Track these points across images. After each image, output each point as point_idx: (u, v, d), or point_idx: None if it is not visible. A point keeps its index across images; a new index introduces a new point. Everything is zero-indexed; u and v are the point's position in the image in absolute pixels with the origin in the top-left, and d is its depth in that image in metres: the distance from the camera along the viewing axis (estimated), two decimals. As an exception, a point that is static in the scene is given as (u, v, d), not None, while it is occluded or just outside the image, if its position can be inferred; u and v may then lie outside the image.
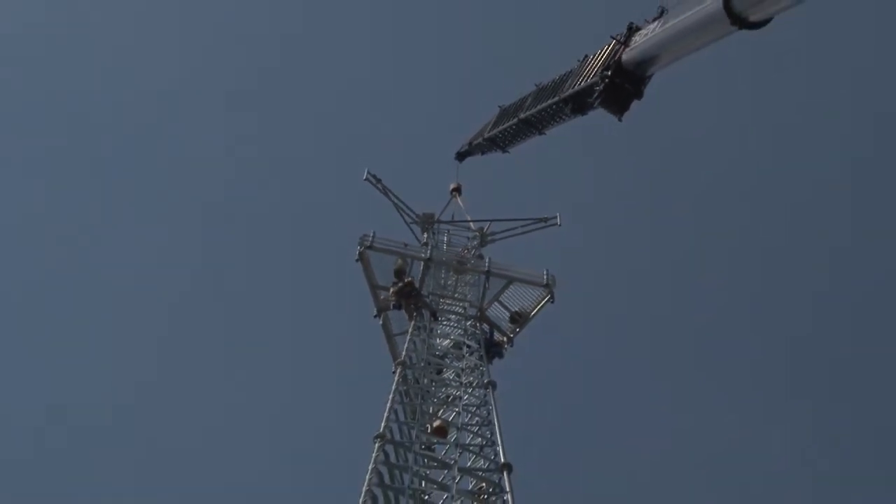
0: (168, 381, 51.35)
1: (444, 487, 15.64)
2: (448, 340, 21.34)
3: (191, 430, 48.99)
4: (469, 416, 17.86)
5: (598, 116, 17.36)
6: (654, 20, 15.64)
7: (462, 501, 15.40)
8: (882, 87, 50.54)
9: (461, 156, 27.34)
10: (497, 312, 23.99)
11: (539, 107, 20.60)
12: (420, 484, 15.59)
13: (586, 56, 18.27)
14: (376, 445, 15.38)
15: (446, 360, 20.52)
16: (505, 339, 23.72)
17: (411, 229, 26.08)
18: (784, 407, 48.56)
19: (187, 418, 48.98)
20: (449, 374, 19.95)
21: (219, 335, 53.04)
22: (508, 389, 19.17)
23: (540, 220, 26.56)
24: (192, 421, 49.03)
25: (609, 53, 16.70)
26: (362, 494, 14.01)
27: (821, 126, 51.77)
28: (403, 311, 22.27)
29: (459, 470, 16.00)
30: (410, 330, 21.09)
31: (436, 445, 16.99)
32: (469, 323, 22.29)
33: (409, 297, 22.07)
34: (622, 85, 16.20)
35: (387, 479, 14.92)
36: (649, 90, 16.44)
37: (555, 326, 25.69)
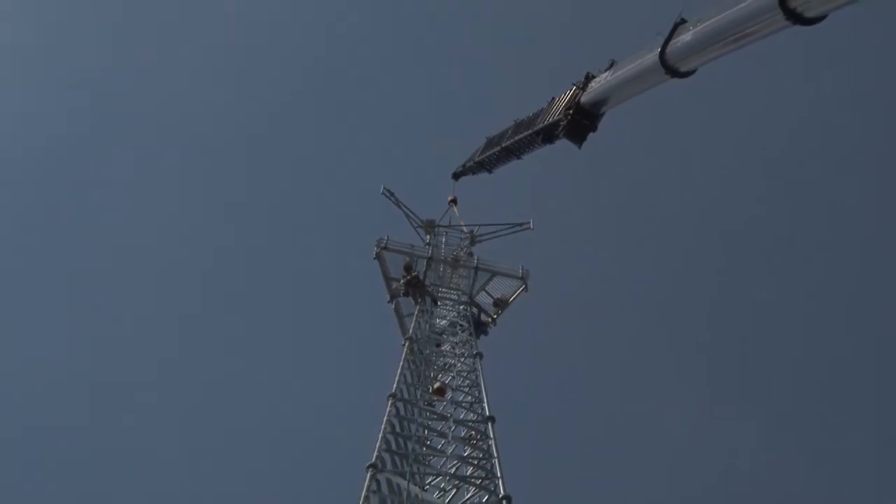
0: (221, 353, 51.53)
1: (442, 435, 15.83)
2: (445, 321, 21.43)
3: (236, 389, 49.26)
4: (461, 379, 17.99)
5: (563, 145, 17.46)
6: (606, 70, 15.76)
7: (456, 446, 15.58)
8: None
9: (456, 175, 27.35)
10: (483, 299, 24.06)
11: (517, 137, 20.64)
12: (424, 432, 15.77)
13: (553, 98, 18.35)
14: (390, 402, 15.53)
15: (444, 336, 20.62)
16: (490, 319, 23.75)
17: (417, 232, 26.15)
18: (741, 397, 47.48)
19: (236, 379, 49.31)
20: (446, 347, 20.04)
21: (265, 318, 53.08)
22: (492, 359, 19.24)
23: (517, 225, 26.66)
24: (239, 380, 49.27)
25: (571, 96, 16.81)
26: (379, 440, 14.20)
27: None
28: (410, 298, 22.36)
29: (454, 421, 16.20)
30: (416, 312, 21.21)
31: (436, 402, 17.08)
32: (462, 307, 22.36)
33: (415, 287, 22.16)
34: (581, 121, 16.31)
35: (398, 428, 15.10)
36: (603, 124, 16.56)
37: (528, 309, 25.69)
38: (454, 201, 27.06)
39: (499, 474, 14.12)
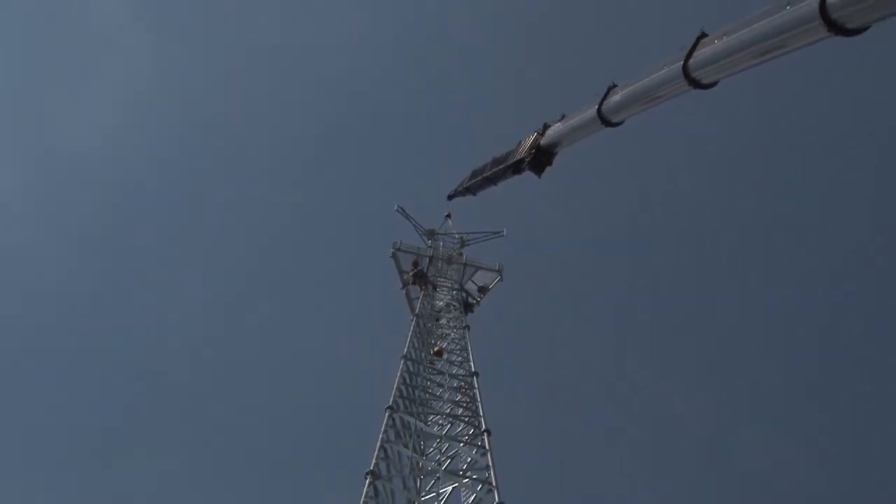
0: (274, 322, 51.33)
1: (440, 385, 15.87)
2: (442, 302, 21.39)
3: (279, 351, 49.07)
4: (454, 345, 18.00)
5: (528, 176, 17.40)
6: (559, 120, 15.73)
7: (450, 393, 15.61)
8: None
9: (450, 197, 26.85)
10: (470, 286, 23.90)
11: (493, 170, 20.41)
12: (427, 383, 15.77)
13: (520, 140, 18.29)
14: (402, 361, 15.50)
15: (441, 313, 20.56)
16: (475, 301, 23.62)
17: (422, 238, 26.08)
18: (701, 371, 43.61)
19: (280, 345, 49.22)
20: (443, 321, 19.99)
21: (307, 301, 52.75)
22: (476, 330, 19.24)
23: (495, 232, 26.65)
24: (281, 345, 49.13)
25: (533, 139, 16.77)
26: (394, 389, 14.24)
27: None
28: (417, 286, 22.34)
29: (449, 375, 16.21)
30: (421, 296, 21.18)
31: (435, 361, 17.03)
32: (454, 292, 22.30)
33: (420, 278, 22.12)
34: (541, 158, 16.27)
35: (408, 381, 15.13)
36: (558, 160, 16.53)
37: (503, 294, 25.62)
38: (449, 216, 27.00)
39: (481, 413, 14.17)
